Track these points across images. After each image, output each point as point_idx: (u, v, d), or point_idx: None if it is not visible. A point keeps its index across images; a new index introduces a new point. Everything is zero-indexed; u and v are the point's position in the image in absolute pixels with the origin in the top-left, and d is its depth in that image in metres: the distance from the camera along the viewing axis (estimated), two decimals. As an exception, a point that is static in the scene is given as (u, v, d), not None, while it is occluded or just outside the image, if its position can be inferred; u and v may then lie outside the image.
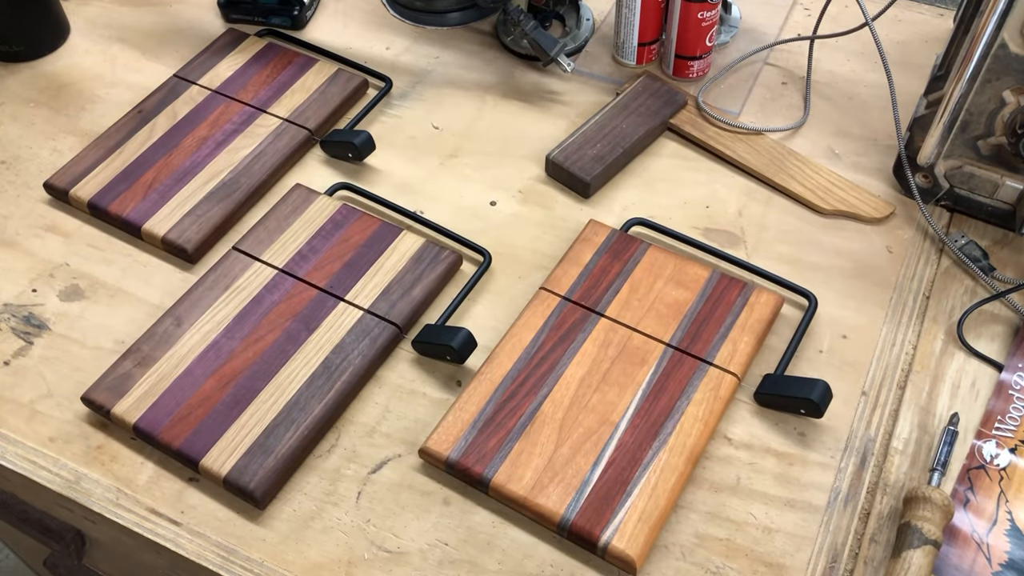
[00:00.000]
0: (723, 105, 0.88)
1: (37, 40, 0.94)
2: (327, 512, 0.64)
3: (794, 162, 0.83)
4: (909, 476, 0.65)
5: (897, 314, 0.74)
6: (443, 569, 0.61)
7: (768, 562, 0.61)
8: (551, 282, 0.73)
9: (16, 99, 0.90)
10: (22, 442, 0.68)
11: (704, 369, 0.68)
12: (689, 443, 0.64)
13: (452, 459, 0.64)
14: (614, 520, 0.60)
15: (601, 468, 0.63)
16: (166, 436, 0.65)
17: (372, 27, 0.97)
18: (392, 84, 0.90)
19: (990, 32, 0.67)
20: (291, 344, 0.70)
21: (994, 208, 0.77)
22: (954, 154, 0.76)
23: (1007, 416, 0.68)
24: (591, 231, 0.76)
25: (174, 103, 0.87)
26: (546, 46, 0.87)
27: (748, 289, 0.72)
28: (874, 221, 0.79)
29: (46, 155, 0.86)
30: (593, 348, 0.69)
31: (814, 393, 0.65)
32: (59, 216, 0.81)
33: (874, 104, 0.88)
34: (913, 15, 0.97)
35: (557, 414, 0.66)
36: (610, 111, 0.85)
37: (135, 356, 0.69)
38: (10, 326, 0.74)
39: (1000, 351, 0.71)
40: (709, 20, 0.85)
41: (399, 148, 0.86)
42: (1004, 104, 0.71)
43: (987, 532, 0.62)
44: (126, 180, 0.81)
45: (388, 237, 0.76)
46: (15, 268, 0.77)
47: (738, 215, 0.80)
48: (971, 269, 0.75)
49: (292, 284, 0.73)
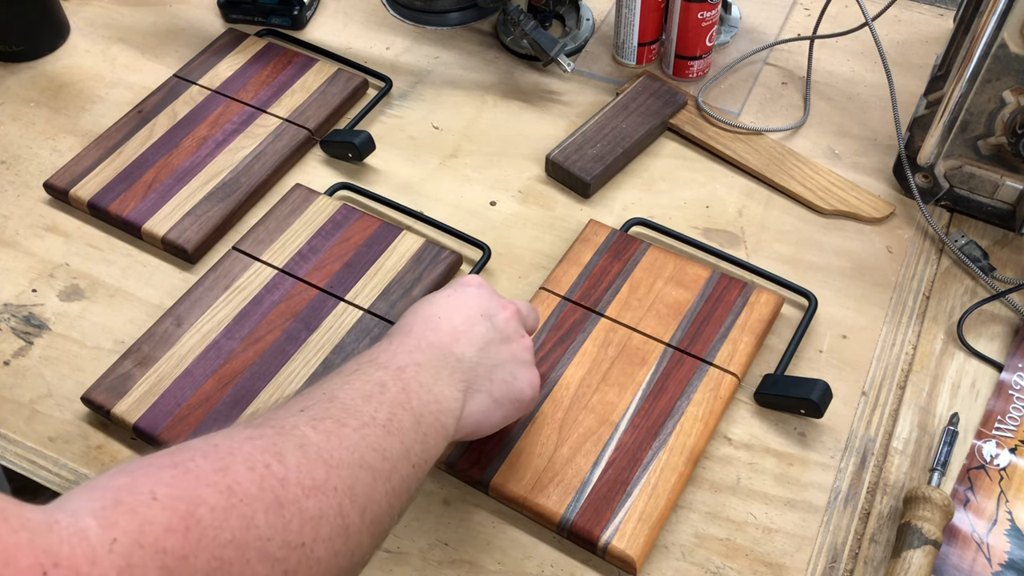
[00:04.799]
0: (723, 105, 0.88)
1: (37, 40, 0.94)
2: (327, 512, 0.64)
3: (794, 162, 0.83)
4: (909, 476, 0.65)
5: (897, 314, 0.74)
6: (443, 569, 0.61)
7: (768, 562, 0.61)
8: (551, 282, 0.73)
9: (16, 99, 0.90)
10: (22, 442, 0.68)
11: (704, 369, 0.68)
12: (689, 443, 0.64)
13: (452, 459, 0.64)
14: (614, 520, 0.60)
15: (601, 468, 0.63)
16: (166, 436, 0.65)
17: (372, 27, 0.97)
18: (392, 84, 0.90)
19: (990, 32, 0.67)
20: (291, 344, 0.70)
21: (994, 208, 0.77)
22: (954, 154, 0.76)
23: (1007, 416, 0.68)
24: (591, 231, 0.76)
25: (174, 103, 0.87)
26: (546, 46, 0.87)
27: (748, 289, 0.72)
28: (874, 221, 0.79)
29: (46, 155, 0.86)
30: (593, 348, 0.69)
31: (814, 393, 0.65)
32: (59, 216, 0.81)
33: (874, 104, 0.88)
34: (913, 15, 0.97)
35: (557, 414, 0.66)
36: (610, 111, 0.85)
37: (135, 356, 0.69)
38: (10, 326, 0.74)
39: (1000, 351, 0.71)
40: (709, 20, 0.85)
41: (399, 148, 0.86)
42: (1004, 104, 0.71)
43: (987, 532, 0.62)
44: (126, 180, 0.81)
45: (388, 237, 0.76)
46: (15, 268, 0.77)
47: (738, 215, 0.80)
48: (971, 269, 0.75)
49: (292, 284, 0.73)
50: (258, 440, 0.43)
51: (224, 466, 0.41)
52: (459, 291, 0.59)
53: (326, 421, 0.46)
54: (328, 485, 0.44)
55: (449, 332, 0.56)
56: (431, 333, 0.56)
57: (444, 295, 0.59)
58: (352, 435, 0.46)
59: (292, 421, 0.46)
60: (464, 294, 0.59)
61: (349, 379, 0.51)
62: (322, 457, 0.44)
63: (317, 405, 0.48)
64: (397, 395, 0.50)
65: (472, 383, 0.55)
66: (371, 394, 0.50)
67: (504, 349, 0.58)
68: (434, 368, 0.53)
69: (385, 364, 0.52)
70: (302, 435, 0.45)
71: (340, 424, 0.47)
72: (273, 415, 0.47)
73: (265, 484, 0.41)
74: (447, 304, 0.58)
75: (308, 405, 0.48)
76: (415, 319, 0.57)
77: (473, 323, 0.57)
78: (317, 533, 0.42)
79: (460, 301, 0.58)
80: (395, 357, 0.53)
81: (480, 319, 0.58)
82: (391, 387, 0.51)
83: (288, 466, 0.42)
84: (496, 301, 0.60)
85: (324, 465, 0.44)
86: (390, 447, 0.48)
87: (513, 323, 0.59)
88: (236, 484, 0.40)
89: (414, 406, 0.51)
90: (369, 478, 0.46)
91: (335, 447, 0.45)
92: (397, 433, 0.49)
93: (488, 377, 0.56)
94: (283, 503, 0.41)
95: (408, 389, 0.51)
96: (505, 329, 0.58)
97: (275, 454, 0.43)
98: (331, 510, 0.43)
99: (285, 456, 0.43)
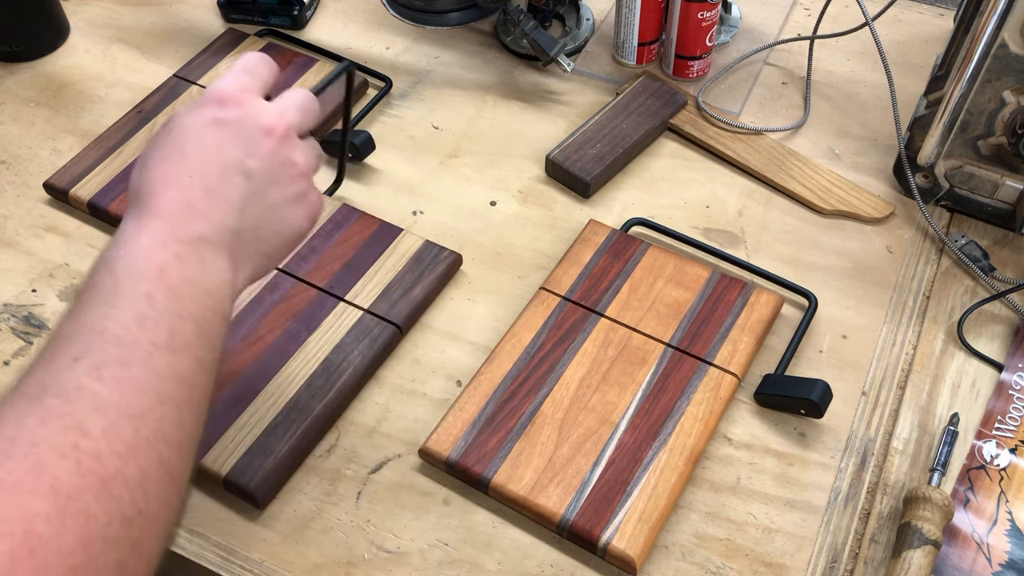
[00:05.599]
0: (723, 105, 0.88)
1: (37, 40, 0.94)
2: (327, 512, 0.64)
3: (794, 162, 0.83)
4: (909, 476, 0.65)
5: (897, 314, 0.74)
6: (443, 569, 0.61)
7: (768, 562, 0.61)
8: (551, 282, 0.73)
9: (16, 99, 0.90)
10: (22, 442, 0.68)
11: (704, 369, 0.68)
12: (689, 443, 0.64)
13: (452, 459, 0.64)
14: (614, 520, 0.60)
15: (601, 468, 0.63)
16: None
17: (372, 27, 0.97)
18: (392, 84, 0.90)
19: (990, 32, 0.67)
20: (291, 344, 0.70)
21: (994, 208, 0.77)
22: (954, 154, 0.76)
23: (1007, 416, 0.68)
24: (591, 231, 0.76)
25: (174, 103, 0.87)
26: (546, 46, 0.87)
27: (748, 289, 0.72)
28: (874, 221, 0.79)
29: (46, 155, 0.86)
30: (593, 348, 0.69)
31: (814, 393, 0.65)
32: (59, 216, 0.81)
33: (874, 104, 0.88)
34: (913, 15, 0.97)
35: (557, 414, 0.66)
36: (610, 111, 0.85)
37: (135, 356, 0.69)
38: (10, 326, 0.74)
39: (1000, 351, 0.71)
40: (709, 20, 0.85)
41: (399, 148, 0.86)
42: (1004, 104, 0.71)
43: (987, 532, 0.62)
44: (126, 180, 0.80)
45: (388, 237, 0.76)
46: (15, 268, 0.77)
47: (738, 215, 0.80)
48: (971, 269, 0.75)
49: (292, 284, 0.73)
50: (52, 419, 0.40)
51: (35, 463, 0.38)
52: (215, 123, 0.51)
53: (109, 367, 0.42)
54: (140, 439, 0.41)
55: (203, 200, 0.49)
56: (183, 210, 0.48)
57: (194, 126, 0.50)
58: (141, 374, 0.42)
59: (73, 378, 0.41)
60: (220, 130, 0.50)
61: (112, 300, 0.45)
62: (123, 411, 0.41)
63: (90, 348, 0.43)
64: (169, 304, 0.45)
65: (239, 253, 0.50)
66: (142, 315, 0.44)
67: (270, 194, 0.51)
68: (196, 256, 0.48)
69: (143, 270, 0.46)
70: (92, 393, 0.41)
71: (124, 365, 0.42)
72: (46, 373, 0.42)
73: (83, 467, 0.38)
74: (196, 150, 0.50)
75: (81, 351, 0.42)
76: (161, 177, 0.49)
77: (228, 178, 0.50)
78: (147, 494, 0.40)
79: (214, 140, 0.50)
80: (151, 255, 0.46)
81: (236, 169, 0.50)
82: (159, 298, 0.45)
83: (95, 437, 0.39)
84: (256, 124, 0.51)
85: (128, 419, 0.41)
86: (182, 367, 0.44)
87: (281, 152, 0.52)
88: (56, 480, 0.37)
89: (191, 311, 0.46)
90: (174, 412, 0.43)
91: (130, 394, 0.42)
92: (184, 349, 0.45)
93: (256, 237, 0.51)
94: (107, 481, 0.39)
95: (177, 293, 0.46)
96: (270, 166, 0.51)
97: (76, 428, 0.39)
98: (152, 465, 0.41)
99: (87, 426, 0.40)
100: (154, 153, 0.51)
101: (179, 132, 0.51)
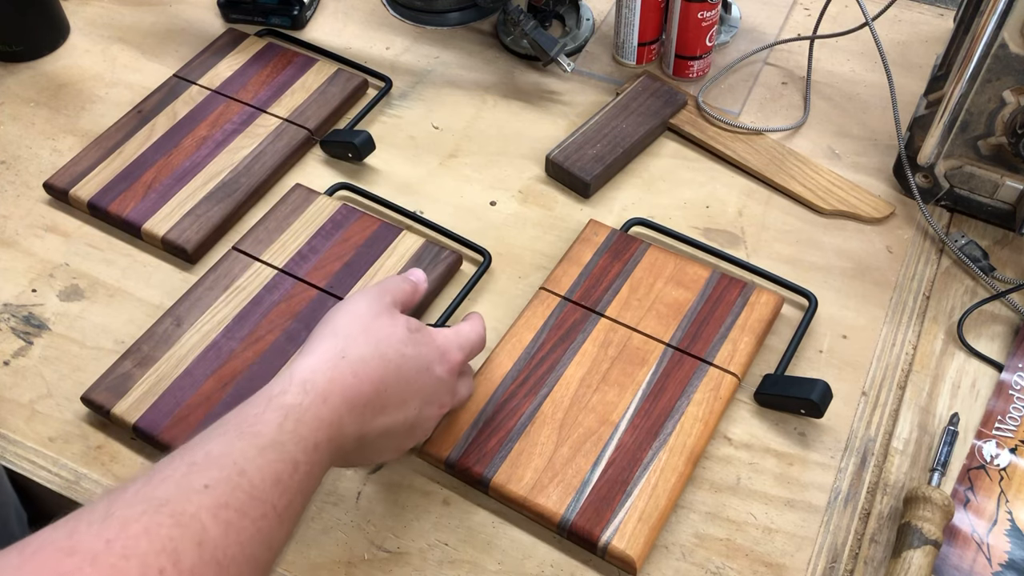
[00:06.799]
0: (723, 105, 0.88)
1: (37, 40, 0.94)
2: (327, 512, 0.64)
3: (794, 162, 0.83)
4: (909, 476, 0.65)
5: (897, 314, 0.74)
6: (443, 569, 0.61)
7: (768, 562, 0.61)
8: (551, 282, 0.73)
9: (16, 99, 0.90)
10: (22, 442, 0.68)
11: (704, 369, 0.68)
12: (689, 443, 0.64)
13: (452, 459, 0.64)
14: (614, 520, 0.60)
15: (601, 468, 0.63)
16: (166, 436, 0.65)
17: (372, 27, 0.97)
18: (392, 84, 0.90)
19: (990, 32, 0.67)
20: (291, 344, 0.70)
21: (994, 208, 0.77)
22: (954, 154, 0.76)
23: (1007, 416, 0.68)
24: (591, 231, 0.76)
25: (174, 103, 0.87)
26: (546, 46, 0.87)
27: (748, 289, 0.72)
28: (874, 221, 0.79)
29: (46, 155, 0.86)
30: (593, 348, 0.69)
31: (814, 393, 0.65)
32: (59, 216, 0.81)
33: (874, 104, 0.88)
34: (913, 15, 0.97)
35: (557, 414, 0.66)
36: (610, 111, 0.85)
37: (135, 356, 0.69)
38: (10, 326, 0.74)
39: (1000, 351, 0.71)
40: (709, 20, 0.85)
41: (399, 148, 0.86)
42: (1004, 104, 0.71)
43: (987, 532, 0.62)
44: (126, 180, 0.81)
45: (388, 237, 0.76)
46: (15, 268, 0.77)
47: (738, 215, 0.80)
48: (971, 269, 0.75)
49: (292, 284, 0.73)
50: (156, 537, 0.41)
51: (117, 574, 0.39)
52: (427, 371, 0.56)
53: (228, 510, 0.44)
54: None
55: (380, 414, 0.53)
56: (368, 411, 0.52)
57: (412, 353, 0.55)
58: (250, 528, 0.44)
59: (193, 505, 0.43)
60: (429, 376, 0.56)
61: (266, 449, 0.47)
62: (216, 556, 0.42)
63: (225, 484, 0.45)
64: (302, 480, 0.48)
65: (352, 458, 0.55)
66: (280, 478, 0.47)
67: (423, 414, 0.57)
68: (340, 450, 0.51)
69: (304, 438, 0.49)
70: (201, 528, 0.42)
71: (241, 515, 0.44)
72: (178, 488, 0.44)
73: None
74: (397, 376, 0.54)
75: (215, 481, 0.44)
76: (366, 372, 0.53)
77: (402, 406, 0.55)
78: None
79: (418, 380, 0.55)
80: (321, 428, 0.50)
81: (413, 405, 0.55)
82: (301, 470, 0.48)
83: (182, 571, 0.41)
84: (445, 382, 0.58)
85: (217, 565, 0.42)
86: (277, 536, 0.46)
87: (445, 384, 0.58)
88: None
89: (311, 489, 0.49)
90: (252, 572, 0.44)
91: (232, 543, 0.43)
92: (288, 521, 0.47)
93: (374, 449, 0.55)
94: None
95: (312, 473, 0.49)
96: (434, 391, 0.57)
97: (171, 554, 0.41)
98: None
99: (181, 557, 0.41)
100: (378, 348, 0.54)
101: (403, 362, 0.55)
